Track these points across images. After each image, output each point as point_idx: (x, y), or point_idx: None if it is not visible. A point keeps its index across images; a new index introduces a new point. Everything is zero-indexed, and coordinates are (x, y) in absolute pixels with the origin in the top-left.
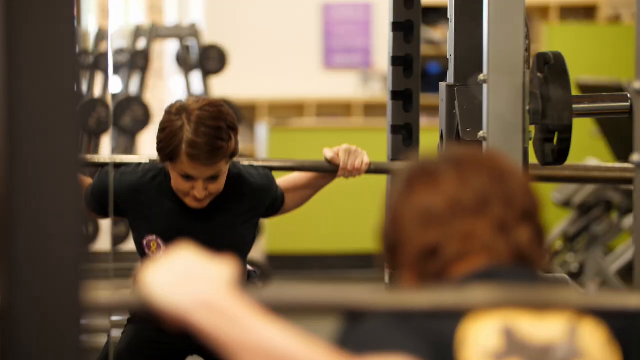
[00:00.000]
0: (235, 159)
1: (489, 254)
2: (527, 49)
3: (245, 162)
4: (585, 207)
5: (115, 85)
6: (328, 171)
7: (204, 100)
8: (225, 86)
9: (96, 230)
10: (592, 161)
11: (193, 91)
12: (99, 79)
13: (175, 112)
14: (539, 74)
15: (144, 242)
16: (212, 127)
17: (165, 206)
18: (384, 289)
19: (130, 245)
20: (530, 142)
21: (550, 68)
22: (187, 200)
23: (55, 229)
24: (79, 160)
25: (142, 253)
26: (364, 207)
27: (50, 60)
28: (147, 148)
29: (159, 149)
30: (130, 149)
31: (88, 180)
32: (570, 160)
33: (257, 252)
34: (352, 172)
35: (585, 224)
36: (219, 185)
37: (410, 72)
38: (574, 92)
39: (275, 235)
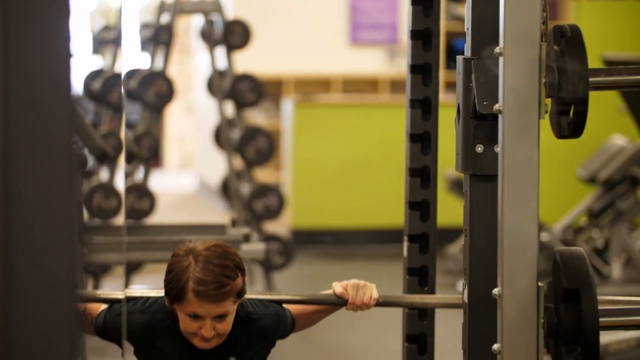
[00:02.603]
0: (246, 297)
1: None
2: (545, 22)
3: (254, 296)
4: (611, 183)
5: (141, 60)
6: (337, 305)
7: (210, 242)
8: (252, 61)
9: (119, 204)
10: (618, 139)
11: (218, 66)
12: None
13: (182, 254)
14: (555, 47)
15: None
16: (219, 266)
17: (173, 349)
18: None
19: (147, 220)
20: (547, 115)
21: (566, 41)
22: (195, 341)
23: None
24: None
25: None
26: (385, 184)
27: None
28: (172, 122)
29: (166, 291)
30: (154, 123)
31: (96, 307)
32: (597, 138)
33: (281, 227)
34: (361, 307)
35: (610, 200)
36: (226, 325)
37: (430, 46)
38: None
39: (299, 210)
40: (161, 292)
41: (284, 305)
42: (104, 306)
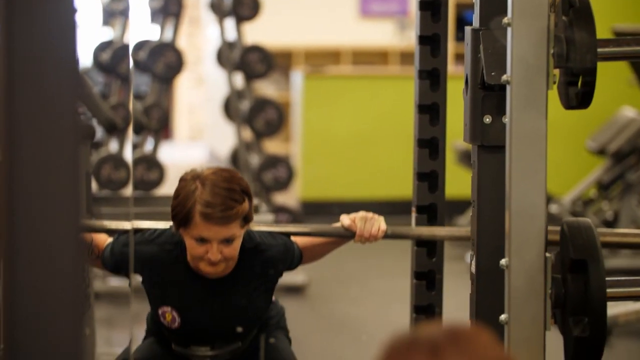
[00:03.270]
0: (253, 226)
1: None
2: None
3: (262, 228)
4: (620, 155)
5: (151, 31)
6: (345, 237)
7: (218, 167)
8: (262, 33)
9: (128, 175)
10: (628, 111)
11: (227, 38)
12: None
13: (189, 178)
14: (563, 18)
15: (160, 311)
16: (226, 189)
17: (181, 279)
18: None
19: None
20: (555, 86)
21: (575, 11)
22: (201, 266)
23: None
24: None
25: (158, 319)
26: (394, 155)
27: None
28: (182, 94)
29: (173, 215)
30: (163, 94)
31: (102, 237)
32: (607, 110)
33: (291, 198)
34: (369, 239)
35: (619, 172)
36: (233, 250)
37: (438, 17)
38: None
39: (308, 182)
40: (169, 224)
41: (292, 238)
42: (110, 239)
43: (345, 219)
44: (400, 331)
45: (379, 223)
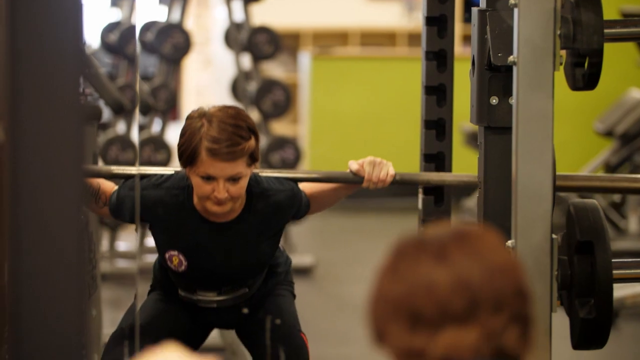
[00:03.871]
0: (261, 172)
1: (474, 355)
2: None
3: (269, 174)
4: (628, 136)
5: (158, 12)
6: (353, 182)
7: (224, 105)
8: (269, 14)
9: (135, 156)
10: (635, 92)
11: (235, 19)
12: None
13: (196, 116)
14: None
15: (166, 255)
16: (232, 125)
17: (187, 224)
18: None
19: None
20: (562, 67)
21: None
22: (208, 205)
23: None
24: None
25: (165, 263)
26: (402, 137)
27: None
28: (190, 75)
29: (180, 153)
30: (171, 75)
31: (109, 185)
32: (614, 91)
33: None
34: (377, 184)
35: (627, 153)
36: (239, 189)
37: None
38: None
39: (315, 163)
40: (175, 169)
41: (300, 186)
42: (116, 187)
43: (353, 164)
44: (407, 233)
45: (388, 168)
